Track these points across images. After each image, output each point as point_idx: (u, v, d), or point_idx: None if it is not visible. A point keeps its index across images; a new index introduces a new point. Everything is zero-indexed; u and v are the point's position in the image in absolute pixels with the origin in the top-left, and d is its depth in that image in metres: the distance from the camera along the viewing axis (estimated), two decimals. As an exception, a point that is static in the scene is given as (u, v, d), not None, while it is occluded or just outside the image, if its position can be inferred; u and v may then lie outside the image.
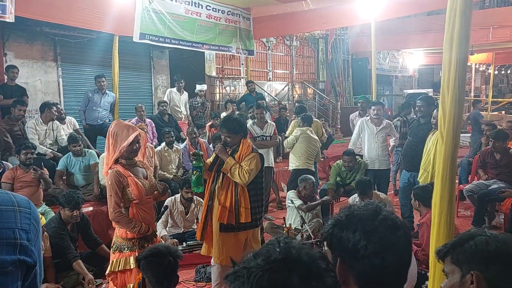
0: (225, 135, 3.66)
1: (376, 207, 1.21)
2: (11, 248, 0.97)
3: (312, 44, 15.53)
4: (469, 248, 1.33)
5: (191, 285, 4.36)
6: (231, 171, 3.56)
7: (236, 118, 3.75)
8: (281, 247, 0.91)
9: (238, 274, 0.88)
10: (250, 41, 9.50)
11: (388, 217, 1.18)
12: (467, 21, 2.29)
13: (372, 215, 1.18)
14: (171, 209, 5.35)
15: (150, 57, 9.92)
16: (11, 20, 5.25)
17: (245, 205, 3.60)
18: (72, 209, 4.31)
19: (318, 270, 0.88)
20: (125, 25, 6.94)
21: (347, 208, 1.24)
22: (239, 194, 3.59)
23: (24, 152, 4.94)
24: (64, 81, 8.34)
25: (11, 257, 0.96)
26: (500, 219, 6.02)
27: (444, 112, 2.39)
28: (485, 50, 14.20)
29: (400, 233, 1.17)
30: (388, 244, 1.14)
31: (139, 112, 7.36)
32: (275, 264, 0.87)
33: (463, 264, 1.33)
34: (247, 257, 0.92)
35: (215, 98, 11.59)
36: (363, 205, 1.24)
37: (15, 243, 0.98)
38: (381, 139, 5.97)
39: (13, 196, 1.03)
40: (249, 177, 3.54)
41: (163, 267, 2.48)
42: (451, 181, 2.42)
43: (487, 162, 5.97)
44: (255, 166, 3.58)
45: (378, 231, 1.14)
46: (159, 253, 2.52)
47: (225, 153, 3.63)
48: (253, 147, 3.73)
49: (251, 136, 6.40)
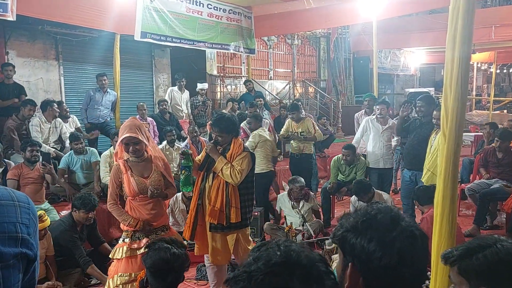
0: (216, 134, 3.61)
1: (395, 215, 1.15)
2: (13, 242, 0.99)
3: (314, 42, 15.51)
4: (478, 262, 1.28)
5: (192, 283, 4.36)
6: (222, 171, 3.52)
7: (228, 117, 3.70)
8: (281, 250, 0.90)
9: (239, 278, 0.87)
10: (251, 39, 9.49)
11: (407, 228, 1.13)
12: (470, 20, 2.28)
13: (391, 225, 1.12)
14: (172, 207, 5.37)
15: (151, 56, 9.92)
16: (12, 18, 5.26)
17: (236, 205, 3.56)
18: (88, 211, 4.31)
19: (318, 273, 0.88)
20: (127, 23, 6.95)
21: (364, 212, 1.17)
22: (230, 194, 3.56)
23: (29, 149, 4.94)
24: (65, 80, 8.34)
25: (13, 249, 0.99)
26: (502, 218, 6.01)
27: (446, 110, 2.39)
28: (487, 49, 14.16)
29: (418, 244, 1.12)
30: (404, 257, 1.09)
31: (141, 111, 7.36)
32: (275, 267, 0.86)
33: (471, 278, 1.29)
34: (247, 261, 0.91)
35: (216, 96, 11.58)
36: (381, 209, 1.17)
37: (17, 237, 1.00)
38: (386, 138, 5.96)
39: (12, 192, 1.06)
40: (240, 176, 3.50)
41: (163, 259, 2.43)
42: (453, 180, 2.42)
43: (489, 161, 5.96)
44: (246, 166, 3.55)
45: (395, 244, 1.09)
46: (161, 245, 2.49)
47: (216, 153, 3.58)
48: (245, 146, 3.70)
49: (246, 135, 6.40)
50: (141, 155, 3.35)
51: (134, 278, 3.20)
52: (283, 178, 7.81)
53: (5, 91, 6.32)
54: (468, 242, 1.39)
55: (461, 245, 1.40)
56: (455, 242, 2.40)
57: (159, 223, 3.48)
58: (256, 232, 5.46)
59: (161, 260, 2.40)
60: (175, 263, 2.42)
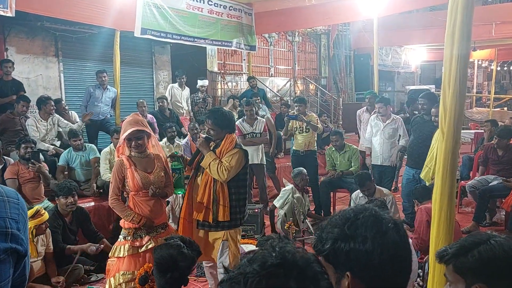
0: (209, 127, 3.50)
1: (373, 211, 1.16)
2: (2, 237, 0.99)
3: (314, 39, 15.47)
4: (473, 259, 1.28)
5: (193, 280, 4.37)
6: (210, 167, 3.38)
7: (224, 111, 3.55)
8: (276, 251, 0.90)
9: (234, 281, 0.87)
10: (252, 36, 9.46)
11: (389, 218, 1.15)
12: (469, 16, 2.28)
13: (377, 221, 1.13)
14: (172, 204, 5.37)
15: (151, 53, 9.90)
16: (11, 14, 5.24)
17: (224, 203, 3.41)
18: (65, 195, 4.36)
19: (314, 274, 0.88)
20: (127, 20, 6.92)
21: (344, 217, 1.16)
22: (218, 191, 3.42)
23: (24, 146, 4.91)
24: (65, 76, 8.33)
25: (3, 245, 0.98)
26: (501, 216, 6.02)
27: (445, 108, 2.38)
28: (487, 46, 14.13)
29: (402, 231, 1.15)
30: (398, 246, 1.12)
31: (141, 108, 7.35)
32: (271, 269, 0.86)
33: (467, 276, 1.29)
34: (241, 263, 0.90)
35: (217, 93, 11.57)
36: (357, 210, 1.18)
37: (6, 232, 1.00)
38: (387, 135, 5.95)
39: (0, 188, 1.05)
40: (228, 174, 3.35)
41: (171, 256, 2.44)
42: (451, 177, 2.42)
43: (489, 158, 5.96)
44: (236, 163, 3.39)
45: (389, 235, 1.12)
46: (176, 242, 2.50)
47: (206, 147, 3.46)
48: (237, 142, 3.54)
49: (241, 134, 6.40)
50: (143, 150, 3.36)
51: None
52: (284, 175, 7.81)
53: (4, 88, 6.34)
54: (461, 239, 1.39)
55: (455, 243, 1.40)
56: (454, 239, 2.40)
57: (160, 220, 3.48)
58: (256, 229, 5.47)
59: (168, 256, 2.43)
60: (181, 262, 2.43)
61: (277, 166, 7.73)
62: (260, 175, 6.64)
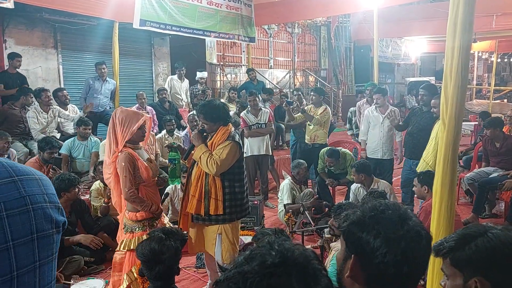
0: (201, 121, 3.44)
1: (403, 213, 1.16)
2: (58, 211, 1.03)
3: (314, 31, 15.40)
4: (470, 252, 1.27)
5: (192, 271, 4.39)
6: (200, 159, 3.33)
7: (215, 104, 3.46)
8: (275, 249, 0.86)
9: (232, 281, 0.83)
10: (251, 28, 9.42)
11: (414, 227, 1.14)
12: (471, 7, 2.27)
13: (398, 223, 1.13)
14: (171, 196, 5.37)
15: (150, 44, 9.86)
16: (10, 6, 5.21)
17: (216, 196, 3.35)
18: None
19: (314, 271, 0.86)
20: (126, 11, 6.88)
21: (372, 207, 1.18)
22: (210, 184, 3.36)
23: (49, 152, 4.94)
24: (64, 68, 8.29)
25: (61, 218, 1.03)
26: (501, 207, 6.03)
27: (446, 99, 2.38)
28: (488, 38, 14.07)
29: (423, 244, 1.14)
30: (407, 255, 1.11)
31: (140, 100, 7.34)
32: (272, 268, 0.83)
33: (464, 269, 1.28)
34: (237, 261, 0.86)
35: (216, 85, 11.55)
36: (389, 205, 1.18)
37: (59, 206, 1.04)
38: (387, 128, 5.89)
39: (24, 167, 1.03)
40: (218, 167, 3.27)
41: (152, 250, 2.44)
42: (452, 168, 2.42)
43: (488, 150, 5.96)
44: (227, 156, 3.30)
45: (401, 242, 1.11)
46: (157, 234, 2.50)
47: (198, 140, 3.41)
48: (230, 135, 3.41)
49: (246, 125, 6.38)
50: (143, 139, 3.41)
51: None
52: (283, 167, 7.82)
53: (9, 80, 6.39)
54: (458, 232, 1.37)
55: (451, 236, 1.37)
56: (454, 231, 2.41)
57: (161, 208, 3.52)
58: (256, 220, 5.48)
59: (151, 251, 2.42)
60: (165, 254, 2.42)
61: (276, 158, 7.73)
62: (264, 166, 6.63)
